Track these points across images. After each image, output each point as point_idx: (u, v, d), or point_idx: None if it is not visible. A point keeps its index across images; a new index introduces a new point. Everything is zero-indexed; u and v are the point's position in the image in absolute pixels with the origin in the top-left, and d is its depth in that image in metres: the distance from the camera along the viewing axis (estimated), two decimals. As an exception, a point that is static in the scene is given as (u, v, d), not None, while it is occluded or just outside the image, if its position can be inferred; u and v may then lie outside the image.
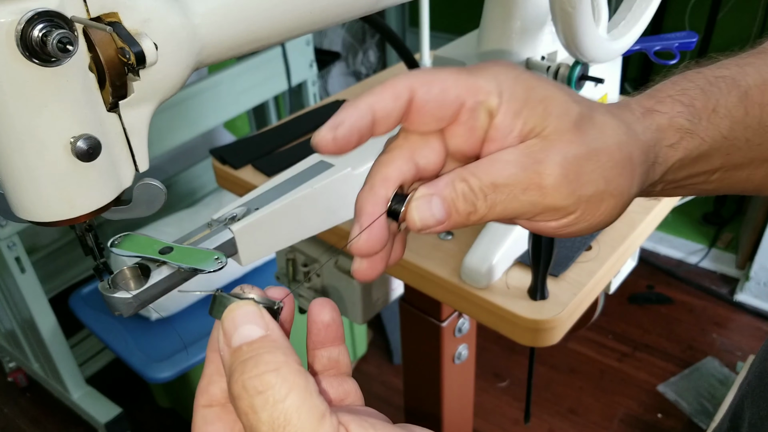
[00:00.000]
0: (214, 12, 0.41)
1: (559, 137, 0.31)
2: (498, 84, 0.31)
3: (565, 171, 0.31)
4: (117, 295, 0.46)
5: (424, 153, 0.33)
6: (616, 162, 0.32)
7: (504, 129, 0.31)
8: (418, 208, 0.31)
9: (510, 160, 0.31)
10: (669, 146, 0.35)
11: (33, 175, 0.37)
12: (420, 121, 0.32)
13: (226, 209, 0.53)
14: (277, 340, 0.28)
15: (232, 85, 1.63)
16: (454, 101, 0.31)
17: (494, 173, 0.31)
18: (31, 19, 0.33)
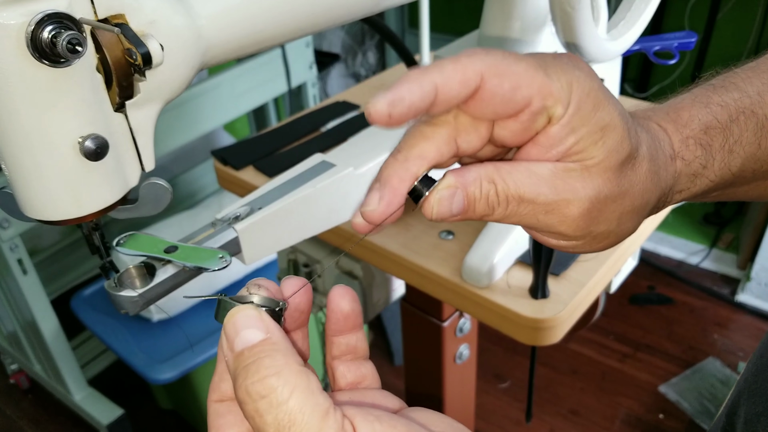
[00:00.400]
0: (218, 13, 0.42)
1: (600, 173, 0.31)
2: (569, 94, 0.30)
3: (590, 208, 0.31)
4: (123, 293, 0.47)
5: (470, 138, 0.31)
6: (634, 207, 0.33)
7: (555, 140, 0.31)
8: (439, 201, 0.30)
9: (545, 178, 0.31)
10: (677, 192, 0.36)
11: (41, 175, 0.38)
12: (480, 110, 0.30)
13: (229, 209, 0.53)
14: (277, 343, 0.28)
15: (231, 87, 1.64)
16: (521, 101, 0.29)
17: (525, 187, 0.30)
18: (41, 20, 0.33)
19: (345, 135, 0.89)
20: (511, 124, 0.30)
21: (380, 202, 0.30)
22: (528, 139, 0.31)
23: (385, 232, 0.72)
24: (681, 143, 0.35)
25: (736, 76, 0.38)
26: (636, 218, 0.34)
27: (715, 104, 0.36)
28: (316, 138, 0.90)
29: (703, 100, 0.37)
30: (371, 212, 0.30)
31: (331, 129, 0.92)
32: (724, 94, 0.37)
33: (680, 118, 0.36)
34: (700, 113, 0.36)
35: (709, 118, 0.36)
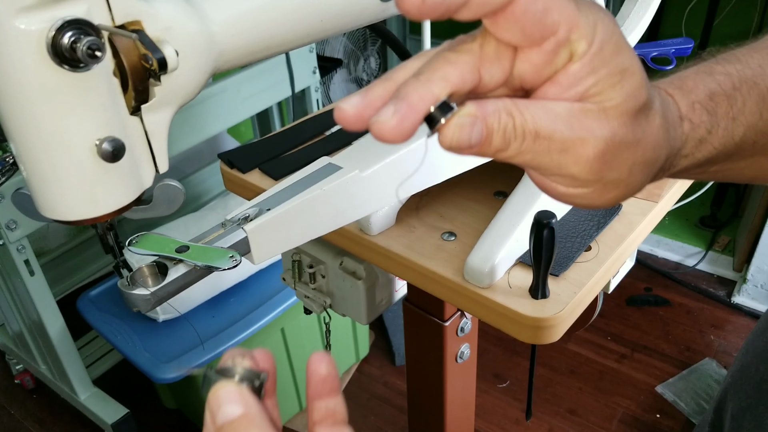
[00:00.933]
0: (231, 20, 0.43)
1: (617, 116, 0.31)
2: (594, 32, 0.30)
3: (605, 149, 0.31)
4: (136, 291, 0.48)
5: (493, 69, 0.31)
6: (646, 159, 0.33)
7: (574, 79, 0.30)
8: (461, 127, 0.29)
9: (562, 116, 0.30)
10: (684, 156, 0.36)
11: (59, 176, 0.39)
12: (508, 28, 0.29)
13: (239, 210, 0.54)
14: (254, 418, 0.31)
15: (236, 92, 1.65)
16: (550, 24, 0.29)
17: (542, 122, 0.30)
18: (62, 26, 0.35)
19: (350, 138, 0.90)
20: (534, 56, 0.30)
21: (394, 116, 0.28)
22: (548, 77, 0.31)
23: (388, 234, 0.73)
24: (688, 107, 0.36)
25: (737, 52, 0.39)
26: (646, 172, 0.34)
27: (719, 73, 0.37)
28: (321, 141, 0.92)
29: (707, 71, 0.38)
30: (383, 123, 0.28)
31: (336, 133, 0.94)
32: (726, 65, 0.38)
33: (685, 85, 0.37)
34: (705, 81, 0.37)
35: (714, 85, 0.37)
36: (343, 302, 0.87)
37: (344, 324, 1.78)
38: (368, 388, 1.87)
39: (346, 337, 1.83)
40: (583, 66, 0.30)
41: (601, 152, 0.31)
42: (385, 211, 0.71)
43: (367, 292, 0.83)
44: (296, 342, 1.62)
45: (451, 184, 0.70)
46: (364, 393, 1.86)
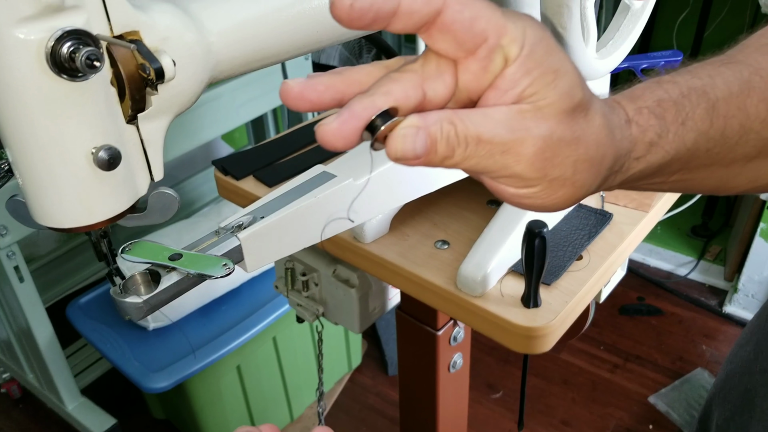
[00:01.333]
0: (227, 30, 0.43)
1: (553, 114, 0.33)
2: (524, 36, 0.32)
3: (544, 147, 0.33)
4: (128, 299, 0.48)
5: (436, 85, 0.32)
6: (589, 157, 0.34)
7: (511, 82, 0.32)
8: (404, 137, 0.31)
9: (501, 120, 0.32)
10: (635, 159, 0.37)
11: (55, 183, 0.39)
12: (441, 38, 0.31)
13: (232, 218, 0.55)
14: None
15: (231, 98, 1.66)
16: (479, 33, 0.31)
17: (483, 127, 0.32)
18: (61, 37, 0.35)
19: (342, 147, 0.91)
20: (472, 66, 0.32)
21: (336, 120, 0.30)
22: (488, 84, 0.33)
23: (382, 242, 0.73)
24: (635, 111, 0.37)
25: (689, 66, 0.41)
26: (592, 171, 0.35)
27: (667, 83, 0.39)
28: (316, 149, 0.92)
29: (656, 81, 0.39)
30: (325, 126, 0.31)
31: (329, 141, 0.94)
32: (675, 76, 0.39)
33: (633, 93, 0.38)
34: (653, 89, 0.38)
35: (661, 92, 0.38)
36: (335, 310, 0.87)
37: (337, 333, 1.78)
38: (360, 398, 1.87)
39: (339, 346, 1.83)
40: (517, 68, 0.32)
41: (541, 149, 0.32)
42: (378, 218, 0.72)
43: (360, 301, 0.83)
44: (288, 351, 1.62)
45: (444, 193, 0.71)
46: (356, 403, 1.85)
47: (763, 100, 0.39)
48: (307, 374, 1.72)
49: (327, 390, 1.87)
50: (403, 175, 0.64)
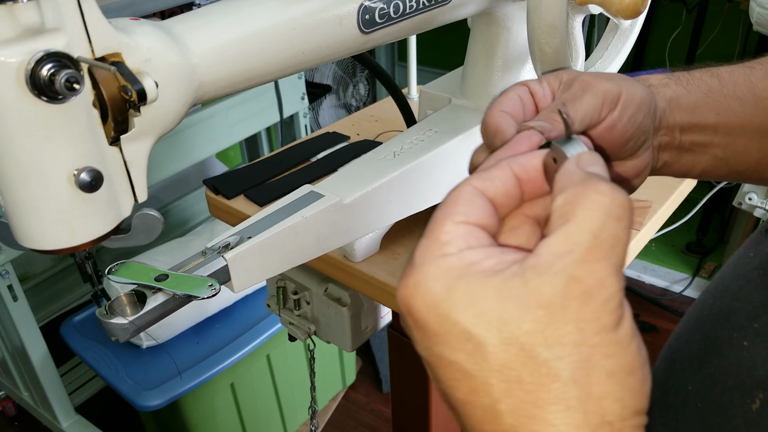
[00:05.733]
0: (211, 52, 0.44)
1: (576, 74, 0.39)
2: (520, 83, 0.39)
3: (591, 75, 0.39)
4: (114, 320, 0.48)
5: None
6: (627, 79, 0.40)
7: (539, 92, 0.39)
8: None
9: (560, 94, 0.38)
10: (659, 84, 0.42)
11: (37, 206, 0.39)
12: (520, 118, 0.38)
13: (219, 238, 0.54)
14: None
15: (225, 117, 1.66)
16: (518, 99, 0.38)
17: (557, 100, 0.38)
18: (41, 59, 0.35)
19: (335, 165, 0.91)
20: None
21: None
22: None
23: (372, 261, 0.73)
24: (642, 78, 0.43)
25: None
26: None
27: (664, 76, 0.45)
28: (306, 168, 0.92)
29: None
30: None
31: (321, 159, 0.94)
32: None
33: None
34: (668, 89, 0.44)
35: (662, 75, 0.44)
36: (327, 329, 0.87)
37: (331, 350, 1.77)
38: (355, 415, 1.85)
39: (333, 363, 1.82)
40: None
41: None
42: (369, 237, 0.71)
43: (352, 319, 0.83)
44: (282, 368, 1.61)
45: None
46: (350, 421, 1.84)
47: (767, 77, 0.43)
48: (300, 392, 1.71)
49: (321, 407, 1.86)
50: (393, 195, 0.64)
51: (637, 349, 0.27)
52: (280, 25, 0.46)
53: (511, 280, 0.26)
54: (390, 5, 0.54)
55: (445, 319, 0.27)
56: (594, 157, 0.30)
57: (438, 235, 0.29)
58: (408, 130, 0.71)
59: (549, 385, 0.26)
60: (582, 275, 0.26)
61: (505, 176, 0.31)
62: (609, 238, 0.26)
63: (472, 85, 0.75)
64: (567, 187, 0.28)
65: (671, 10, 2.16)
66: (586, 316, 0.26)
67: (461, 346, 0.27)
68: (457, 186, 0.31)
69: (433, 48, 2.57)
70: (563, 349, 0.26)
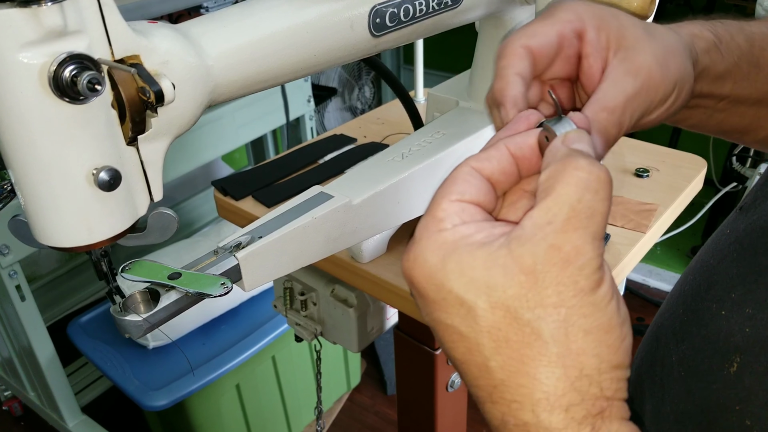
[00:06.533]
0: (226, 54, 0.44)
1: (639, 43, 0.36)
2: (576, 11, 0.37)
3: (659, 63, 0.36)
4: (128, 318, 0.49)
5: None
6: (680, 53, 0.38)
7: (593, 42, 0.37)
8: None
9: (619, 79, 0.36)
10: (701, 50, 0.41)
11: (56, 204, 0.40)
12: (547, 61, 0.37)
13: (231, 237, 0.55)
14: None
15: (231, 120, 1.67)
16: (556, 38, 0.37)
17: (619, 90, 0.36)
18: (63, 61, 0.36)
19: (342, 167, 0.91)
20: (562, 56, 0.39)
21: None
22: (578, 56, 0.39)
23: (379, 262, 0.74)
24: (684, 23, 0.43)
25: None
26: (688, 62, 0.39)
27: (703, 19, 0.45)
28: (314, 170, 0.93)
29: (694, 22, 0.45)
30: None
31: (329, 161, 0.95)
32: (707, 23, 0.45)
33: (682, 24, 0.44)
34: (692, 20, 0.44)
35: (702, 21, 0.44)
36: (334, 330, 0.87)
37: (336, 352, 1.77)
38: (360, 417, 1.86)
39: (338, 365, 1.83)
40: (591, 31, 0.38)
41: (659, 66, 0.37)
42: (376, 238, 0.72)
43: (358, 320, 0.83)
44: (287, 370, 1.62)
45: (441, 214, 0.71)
46: (355, 423, 1.84)
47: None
48: (306, 393, 1.71)
49: (326, 409, 1.86)
50: (402, 196, 0.65)
51: (615, 309, 0.30)
52: (294, 28, 0.47)
53: (497, 251, 0.29)
54: (400, 9, 0.55)
55: (440, 287, 0.30)
56: (579, 134, 0.33)
57: (435, 212, 0.32)
58: (416, 132, 0.72)
59: (532, 343, 0.29)
60: (560, 243, 0.28)
61: (502, 156, 0.34)
62: (585, 209, 0.29)
63: (479, 88, 0.76)
64: (551, 164, 0.31)
65: (678, 14, 2.16)
66: (564, 280, 0.28)
67: (456, 311, 0.30)
68: (457, 166, 0.34)
69: (439, 51, 2.58)
70: (544, 311, 0.29)
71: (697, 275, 0.46)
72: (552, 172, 0.30)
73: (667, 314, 0.48)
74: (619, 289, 0.89)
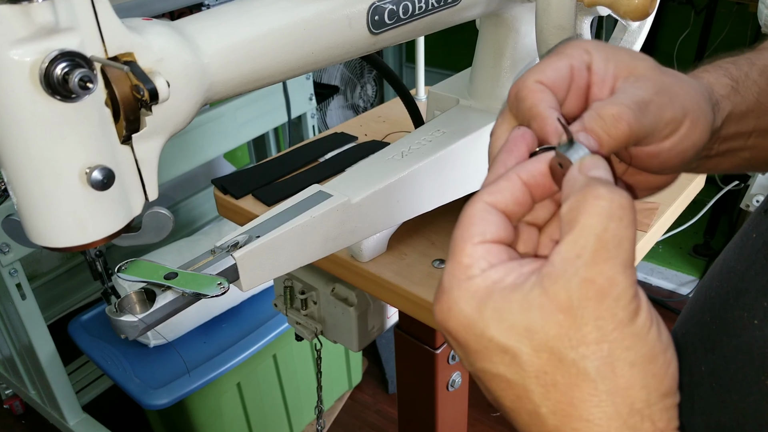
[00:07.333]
0: (222, 52, 0.44)
1: (649, 72, 0.36)
2: (584, 47, 0.36)
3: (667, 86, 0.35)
4: (123, 318, 0.48)
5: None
6: (695, 89, 0.37)
7: (600, 71, 0.36)
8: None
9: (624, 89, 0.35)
10: (721, 96, 0.40)
11: (49, 203, 0.40)
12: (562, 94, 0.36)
13: (228, 237, 0.55)
14: None
15: (233, 118, 1.67)
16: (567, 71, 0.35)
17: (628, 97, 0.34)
18: (55, 58, 0.35)
19: (343, 166, 0.91)
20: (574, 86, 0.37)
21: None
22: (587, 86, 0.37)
23: (379, 261, 0.73)
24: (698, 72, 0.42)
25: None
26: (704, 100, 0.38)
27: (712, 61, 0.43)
28: (314, 168, 0.93)
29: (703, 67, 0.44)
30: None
31: (329, 159, 0.95)
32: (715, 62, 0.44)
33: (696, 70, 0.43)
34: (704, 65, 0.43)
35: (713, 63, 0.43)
36: (334, 329, 0.87)
37: (337, 351, 1.77)
38: (361, 416, 1.86)
39: (339, 364, 1.82)
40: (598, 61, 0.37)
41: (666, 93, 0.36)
42: (376, 237, 0.72)
43: (359, 319, 0.83)
44: (288, 368, 1.61)
45: (442, 212, 0.71)
46: (356, 421, 1.84)
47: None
48: (307, 392, 1.71)
49: (327, 407, 1.86)
50: (401, 195, 0.64)
51: (657, 335, 0.29)
52: (291, 25, 0.47)
53: (531, 292, 0.28)
54: (399, 6, 0.54)
55: (480, 337, 0.29)
56: (595, 160, 0.31)
57: (460, 258, 0.31)
58: (416, 130, 0.71)
59: (580, 383, 0.28)
60: (593, 276, 0.28)
61: (514, 186, 0.33)
62: (613, 239, 0.28)
63: (480, 87, 0.75)
64: (570, 195, 0.30)
65: (680, 12, 2.15)
66: (602, 314, 0.28)
67: (500, 359, 0.29)
68: (470, 203, 0.33)
69: (441, 49, 2.57)
70: (587, 348, 0.28)
71: (723, 281, 0.44)
72: (573, 203, 0.29)
73: (693, 321, 0.47)
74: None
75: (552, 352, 0.28)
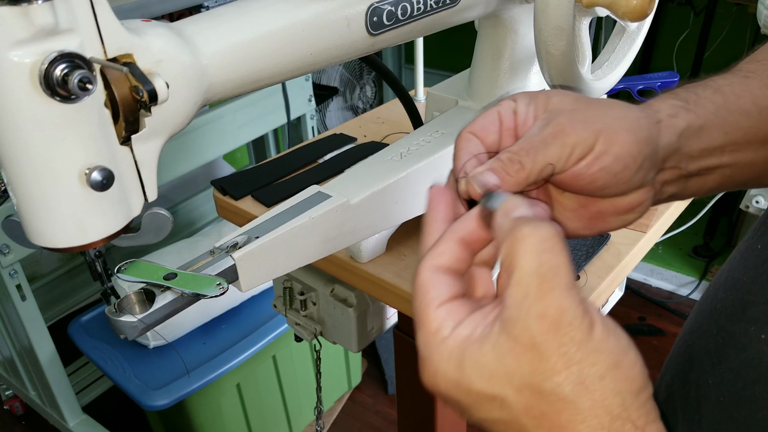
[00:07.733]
0: (221, 53, 0.44)
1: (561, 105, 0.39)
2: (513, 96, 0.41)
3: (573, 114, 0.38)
4: (123, 318, 0.48)
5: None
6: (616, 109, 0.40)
7: (522, 114, 0.40)
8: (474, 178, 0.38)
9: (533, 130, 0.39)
10: (669, 116, 0.41)
11: (48, 204, 0.40)
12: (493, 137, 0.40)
13: (228, 237, 0.55)
14: None
15: (232, 119, 1.67)
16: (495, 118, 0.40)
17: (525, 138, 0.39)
18: (54, 59, 0.36)
19: (342, 167, 0.91)
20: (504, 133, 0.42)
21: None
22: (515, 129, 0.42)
23: (378, 262, 0.73)
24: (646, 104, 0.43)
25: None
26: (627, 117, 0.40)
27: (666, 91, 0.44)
28: (314, 169, 0.93)
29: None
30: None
31: (329, 160, 0.95)
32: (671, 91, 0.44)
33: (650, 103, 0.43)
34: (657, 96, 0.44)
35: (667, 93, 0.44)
36: (333, 330, 0.87)
37: (337, 351, 1.77)
38: (360, 417, 1.86)
39: (339, 364, 1.82)
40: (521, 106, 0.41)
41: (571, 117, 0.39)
42: (375, 238, 0.72)
43: (358, 320, 0.83)
44: (288, 369, 1.62)
45: (440, 214, 0.71)
46: (356, 422, 1.84)
47: (765, 85, 0.43)
48: (306, 392, 1.71)
49: (327, 408, 1.86)
50: (400, 196, 0.64)
51: (615, 342, 0.32)
52: (289, 27, 0.47)
53: (499, 339, 0.32)
54: (398, 7, 0.54)
55: (469, 392, 0.32)
56: (514, 201, 0.35)
57: (429, 325, 0.34)
58: (415, 131, 0.71)
59: (562, 408, 0.31)
60: (543, 310, 0.30)
61: (453, 247, 0.36)
62: (549, 270, 0.31)
63: (479, 87, 0.75)
64: (502, 241, 0.33)
65: (678, 13, 2.15)
66: (562, 341, 0.30)
67: (491, 407, 0.32)
68: (417, 274, 0.36)
69: (440, 50, 2.58)
70: (559, 376, 0.30)
71: (729, 293, 0.45)
72: (507, 248, 0.32)
73: (699, 332, 0.47)
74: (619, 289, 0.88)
75: (531, 387, 0.31)
